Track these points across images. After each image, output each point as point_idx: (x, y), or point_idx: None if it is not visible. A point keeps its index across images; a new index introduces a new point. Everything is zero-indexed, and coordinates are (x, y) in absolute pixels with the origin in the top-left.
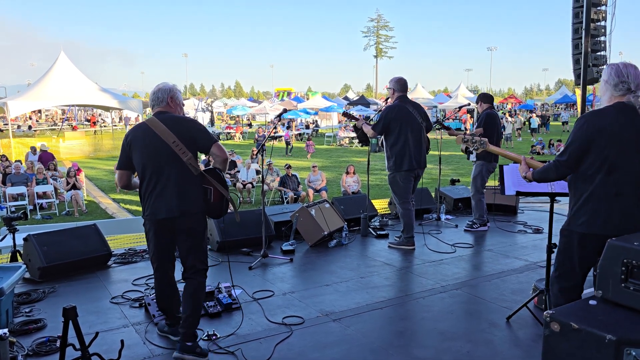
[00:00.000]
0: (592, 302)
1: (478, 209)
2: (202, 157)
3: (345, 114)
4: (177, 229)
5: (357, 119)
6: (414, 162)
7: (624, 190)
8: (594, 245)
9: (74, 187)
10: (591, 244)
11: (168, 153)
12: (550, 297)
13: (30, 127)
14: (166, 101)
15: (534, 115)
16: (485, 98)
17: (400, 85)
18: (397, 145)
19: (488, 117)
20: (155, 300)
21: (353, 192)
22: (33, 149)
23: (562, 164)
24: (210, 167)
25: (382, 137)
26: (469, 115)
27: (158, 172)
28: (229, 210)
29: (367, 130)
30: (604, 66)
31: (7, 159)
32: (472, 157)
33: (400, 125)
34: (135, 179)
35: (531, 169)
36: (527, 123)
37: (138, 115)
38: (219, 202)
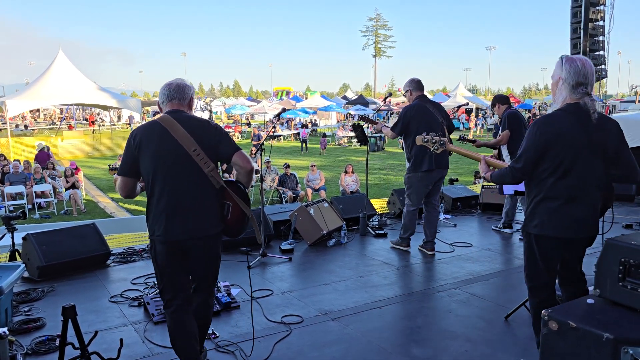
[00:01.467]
0: (589, 301)
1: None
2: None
3: (363, 118)
4: (192, 251)
5: (375, 123)
6: (433, 162)
7: (576, 194)
8: (550, 245)
9: (73, 186)
10: (547, 245)
11: (186, 163)
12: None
13: (26, 127)
14: (188, 100)
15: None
16: (502, 99)
17: (416, 84)
18: (416, 145)
19: (510, 117)
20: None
21: (352, 192)
22: (47, 148)
23: (517, 170)
24: (231, 179)
25: (402, 138)
26: (472, 115)
27: (173, 184)
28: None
29: (387, 132)
30: (559, 58)
31: (5, 158)
32: (506, 159)
33: (419, 125)
34: (140, 184)
35: (491, 169)
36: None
37: (144, 114)
38: (239, 220)
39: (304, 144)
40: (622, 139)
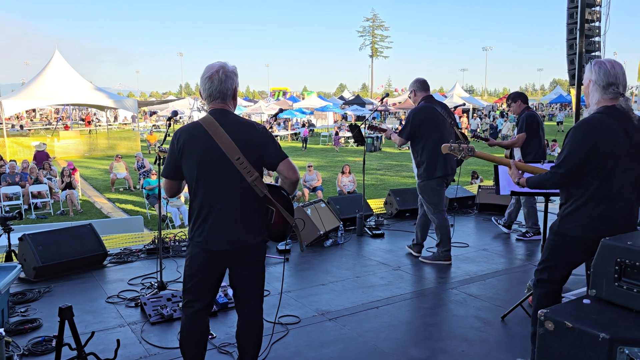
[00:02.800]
0: (585, 301)
1: (530, 216)
2: None
3: (370, 127)
4: (235, 260)
5: (384, 130)
6: (448, 167)
7: (617, 196)
8: (586, 247)
9: (69, 186)
10: (583, 247)
11: (230, 171)
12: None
13: (22, 127)
14: (230, 94)
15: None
16: (521, 97)
17: (422, 84)
18: (427, 149)
19: (529, 119)
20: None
21: (349, 192)
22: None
23: (560, 176)
24: (275, 184)
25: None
26: (465, 117)
27: (215, 191)
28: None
29: (395, 139)
30: (589, 63)
31: (1, 159)
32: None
33: (430, 128)
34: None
35: (525, 174)
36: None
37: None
38: (281, 227)
39: (305, 143)
40: None
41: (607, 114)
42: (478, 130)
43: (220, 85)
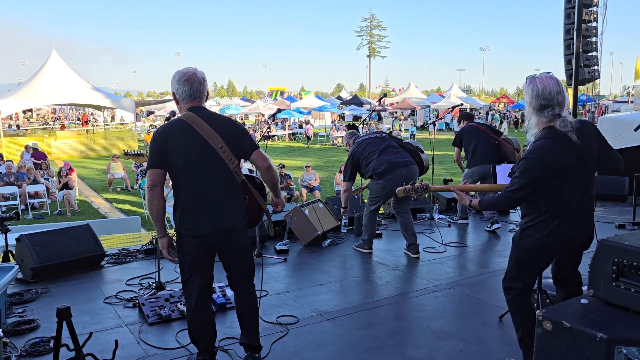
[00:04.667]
0: (583, 301)
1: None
2: None
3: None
4: (222, 245)
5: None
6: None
7: (573, 209)
8: (544, 258)
9: (66, 186)
10: (543, 258)
11: (214, 159)
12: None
13: (18, 127)
14: (205, 95)
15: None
16: (465, 117)
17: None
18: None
19: (457, 134)
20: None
21: None
22: (27, 148)
23: (514, 200)
24: (250, 174)
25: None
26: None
27: (201, 181)
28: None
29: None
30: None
31: (1, 158)
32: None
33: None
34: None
35: (477, 196)
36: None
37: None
38: (255, 212)
39: (309, 141)
40: (601, 138)
41: (553, 138)
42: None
43: (200, 87)
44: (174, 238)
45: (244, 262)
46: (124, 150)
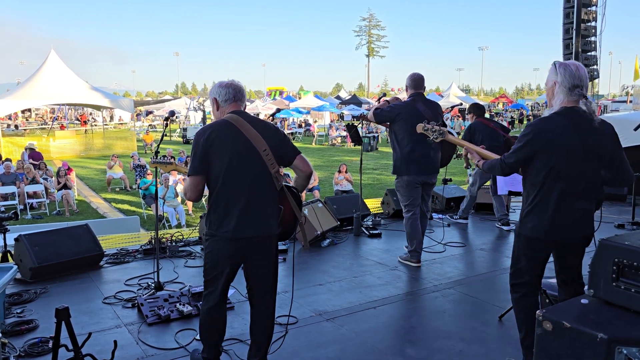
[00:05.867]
0: (584, 301)
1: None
2: None
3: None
4: (257, 251)
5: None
6: (421, 167)
7: (568, 198)
8: (541, 247)
9: (65, 186)
10: (538, 247)
11: (258, 162)
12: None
13: (17, 127)
14: (245, 101)
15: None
16: (474, 110)
17: (412, 82)
18: (400, 147)
19: (467, 130)
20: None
21: (343, 191)
22: (27, 149)
23: (507, 166)
24: (288, 184)
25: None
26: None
27: (244, 183)
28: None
29: (370, 115)
30: (552, 64)
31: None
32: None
33: (404, 125)
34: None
35: (482, 160)
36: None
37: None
38: (291, 223)
39: (314, 137)
40: (617, 142)
41: (563, 115)
42: None
43: (242, 92)
44: (173, 238)
45: (271, 272)
46: (151, 159)
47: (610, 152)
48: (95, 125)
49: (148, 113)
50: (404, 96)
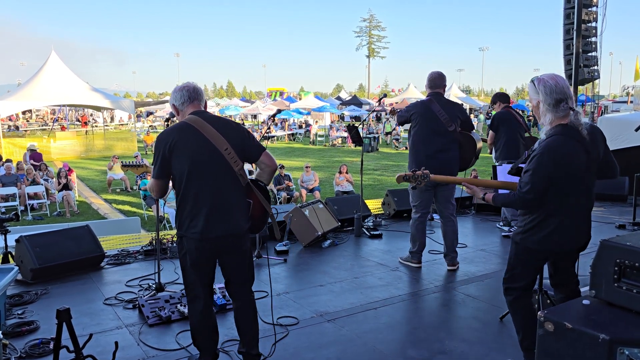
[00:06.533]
0: (585, 301)
1: (510, 209)
2: None
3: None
4: (227, 249)
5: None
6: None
7: (574, 211)
8: (540, 258)
9: (66, 187)
10: (542, 257)
11: (220, 161)
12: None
13: (17, 128)
14: (203, 100)
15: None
16: (500, 98)
17: (429, 81)
18: (413, 147)
19: (494, 118)
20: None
21: (344, 192)
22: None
23: (529, 201)
24: (253, 178)
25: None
26: (471, 114)
27: (208, 183)
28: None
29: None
30: (530, 82)
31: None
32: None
33: (418, 125)
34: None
35: (491, 192)
36: None
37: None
38: (260, 216)
39: (315, 138)
40: (606, 145)
41: (566, 135)
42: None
43: (197, 91)
44: (174, 239)
45: (246, 268)
46: (122, 162)
47: (604, 155)
48: (96, 126)
49: (149, 114)
50: (401, 98)
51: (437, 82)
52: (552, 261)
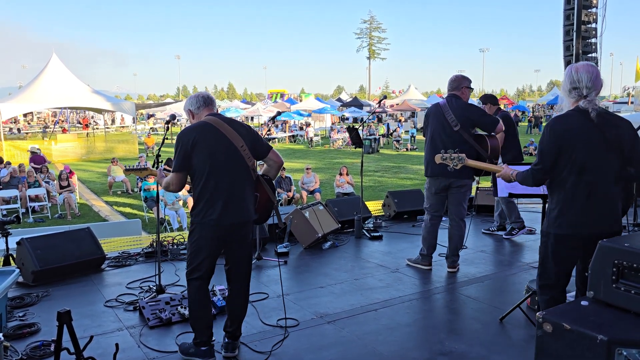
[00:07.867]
0: (583, 302)
1: (512, 211)
2: None
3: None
4: (237, 236)
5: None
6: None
7: (595, 191)
8: (570, 245)
9: (67, 189)
10: (567, 244)
11: (236, 157)
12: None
13: (19, 130)
14: (216, 105)
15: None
16: (490, 99)
17: (449, 83)
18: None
19: (504, 119)
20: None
21: (344, 193)
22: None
23: (538, 171)
24: (260, 173)
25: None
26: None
27: (225, 175)
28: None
29: None
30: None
31: (1, 162)
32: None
33: (428, 126)
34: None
35: (515, 171)
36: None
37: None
38: (265, 208)
39: (312, 141)
40: (636, 137)
41: (568, 115)
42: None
43: (210, 97)
44: (175, 241)
45: (248, 258)
46: (125, 167)
47: (631, 146)
48: (97, 128)
49: (149, 116)
50: (402, 99)
51: (452, 84)
52: (583, 254)
